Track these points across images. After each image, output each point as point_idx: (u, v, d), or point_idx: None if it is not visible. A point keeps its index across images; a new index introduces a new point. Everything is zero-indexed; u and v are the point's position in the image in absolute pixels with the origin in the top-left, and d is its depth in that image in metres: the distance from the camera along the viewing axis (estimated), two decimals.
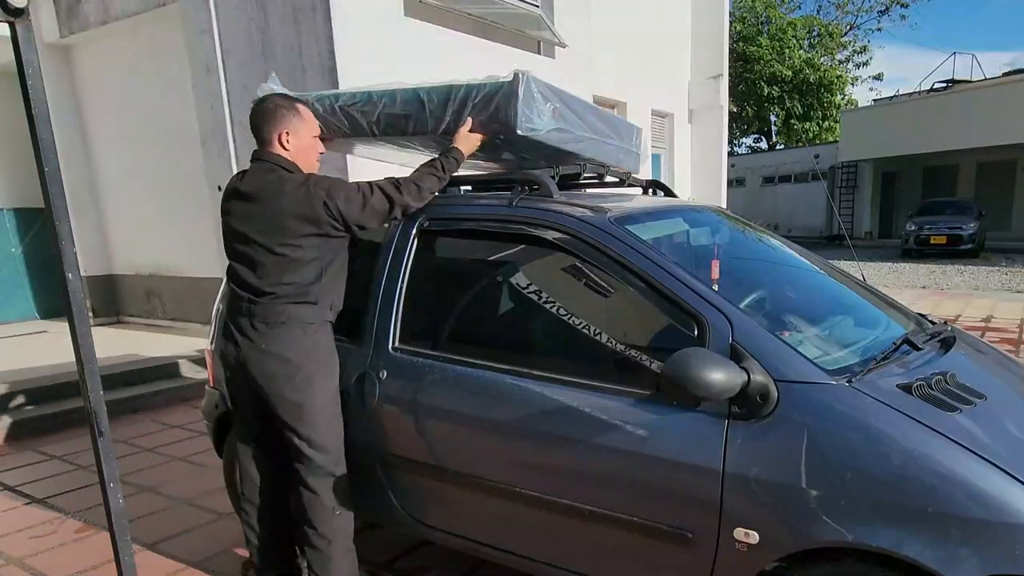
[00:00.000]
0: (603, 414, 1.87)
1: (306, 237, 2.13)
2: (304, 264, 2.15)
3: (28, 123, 1.67)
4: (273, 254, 2.13)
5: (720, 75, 11.29)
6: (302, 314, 2.17)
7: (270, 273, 2.15)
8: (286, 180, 2.16)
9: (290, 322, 2.16)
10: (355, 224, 2.16)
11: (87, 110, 7.69)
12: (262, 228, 2.14)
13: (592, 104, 2.79)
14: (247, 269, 2.18)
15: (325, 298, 2.22)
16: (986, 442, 1.57)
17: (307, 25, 5.31)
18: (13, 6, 1.56)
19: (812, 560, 1.64)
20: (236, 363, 2.22)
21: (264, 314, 2.16)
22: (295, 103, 2.30)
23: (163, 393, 5.30)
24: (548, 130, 2.28)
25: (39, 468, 3.95)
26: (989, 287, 10.48)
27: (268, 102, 2.26)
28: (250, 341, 2.17)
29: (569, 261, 2.13)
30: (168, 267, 7.41)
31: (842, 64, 28.97)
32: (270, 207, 2.13)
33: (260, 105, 2.27)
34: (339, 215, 2.12)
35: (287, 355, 2.15)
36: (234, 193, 2.24)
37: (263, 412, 2.24)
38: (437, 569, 2.69)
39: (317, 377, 2.18)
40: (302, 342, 2.17)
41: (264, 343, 2.15)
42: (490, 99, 2.24)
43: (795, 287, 2.63)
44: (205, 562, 2.80)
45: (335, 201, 2.11)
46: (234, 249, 2.23)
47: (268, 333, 2.15)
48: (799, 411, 1.65)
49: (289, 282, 2.14)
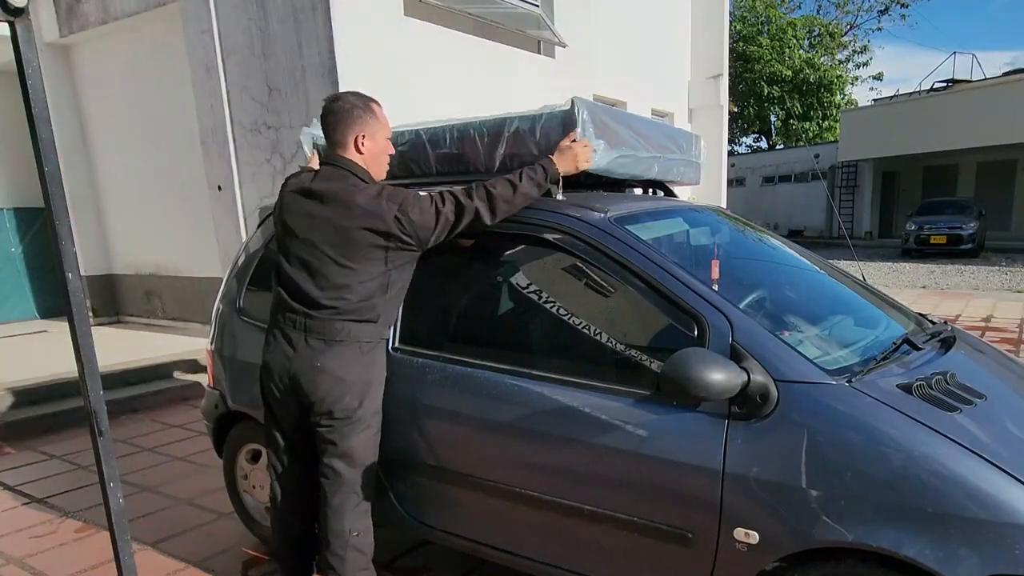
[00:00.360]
0: (603, 414, 1.87)
1: (376, 251, 2.02)
2: (370, 280, 2.04)
3: (28, 123, 1.67)
4: (339, 266, 2.03)
5: (720, 75, 11.29)
6: (361, 333, 2.07)
7: (333, 286, 2.04)
8: (360, 190, 2.04)
9: (348, 340, 2.06)
10: (428, 239, 2.04)
11: (87, 110, 7.69)
12: (330, 238, 2.03)
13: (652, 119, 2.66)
14: (306, 278, 2.06)
15: (386, 316, 2.13)
16: (986, 442, 1.57)
17: (307, 25, 5.31)
18: (13, 5, 1.55)
19: (812, 560, 1.64)
20: (285, 376, 2.10)
21: (322, 330, 2.05)
22: (370, 102, 2.16)
23: (163, 393, 5.30)
24: (609, 161, 2.22)
25: (39, 468, 3.95)
26: (989, 287, 10.48)
27: (343, 101, 2.12)
28: (304, 356, 2.06)
29: (569, 261, 2.12)
30: (168, 267, 7.41)
31: (842, 64, 28.98)
32: (341, 217, 2.01)
33: (334, 105, 2.12)
34: (412, 230, 2.01)
35: (343, 375, 2.05)
36: (304, 193, 2.11)
37: (304, 425, 2.15)
38: (437, 569, 2.69)
39: (367, 397, 2.10)
40: (359, 361, 2.08)
41: (319, 360, 2.05)
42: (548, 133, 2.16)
43: (795, 287, 2.63)
44: (205, 561, 2.80)
45: (408, 215, 2.00)
46: (291, 254, 2.11)
47: (325, 351, 2.05)
48: (799, 411, 1.65)
49: (352, 298, 2.04)
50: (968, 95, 19.02)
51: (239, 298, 2.84)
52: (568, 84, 7.36)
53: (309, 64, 5.38)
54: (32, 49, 1.64)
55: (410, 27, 5.83)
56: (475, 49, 6.52)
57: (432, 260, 2.19)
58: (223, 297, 2.93)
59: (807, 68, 26.65)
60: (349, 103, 2.11)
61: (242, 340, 2.78)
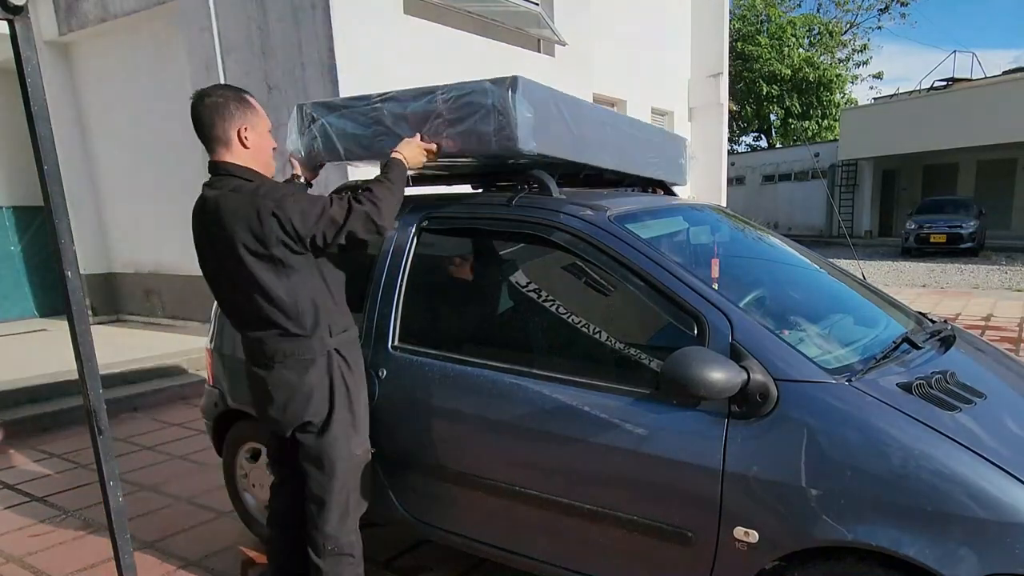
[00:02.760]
0: (603, 413, 1.87)
1: (264, 260, 1.85)
2: (277, 290, 1.87)
3: (27, 121, 1.67)
4: (237, 285, 1.90)
5: (720, 73, 11.30)
6: (297, 349, 1.94)
7: (244, 309, 1.94)
8: (238, 193, 1.86)
9: (288, 360, 1.94)
10: (308, 237, 1.85)
11: (86, 108, 7.68)
12: (226, 257, 1.88)
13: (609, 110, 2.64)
14: (227, 304, 2.01)
15: (319, 326, 1.96)
16: (986, 441, 1.57)
17: (307, 23, 5.31)
18: (12, 4, 1.55)
19: (812, 559, 1.64)
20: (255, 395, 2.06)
21: (256, 354, 1.97)
22: (243, 93, 1.97)
23: (162, 391, 5.29)
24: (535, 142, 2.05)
25: (39, 466, 3.95)
26: (989, 285, 10.48)
27: (215, 96, 1.91)
28: (253, 380, 2.02)
29: (569, 260, 2.12)
30: (167, 265, 7.40)
31: (842, 63, 28.96)
32: (228, 229, 1.84)
33: (206, 100, 1.91)
34: (291, 229, 1.83)
35: (293, 393, 1.95)
36: (197, 211, 1.96)
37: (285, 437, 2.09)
38: (437, 567, 2.69)
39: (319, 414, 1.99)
40: (303, 379, 1.95)
41: (268, 382, 1.97)
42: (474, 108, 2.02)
43: (795, 286, 2.63)
44: (205, 560, 2.80)
45: (286, 212, 1.82)
46: (211, 281, 2.01)
47: (268, 376, 1.96)
48: (799, 410, 1.65)
49: (265, 317, 1.91)
50: (968, 94, 19.01)
51: None
52: (568, 83, 7.36)
53: (309, 62, 5.38)
54: (31, 47, 1.64)
55: (410, 25, 5.82)
56: (475, 47, 6.52)
57: (431, 259, 2.19)
58: None
59: (807, 67, 26.64)
60: (223, 96, 1.92)
61: None
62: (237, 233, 1.83)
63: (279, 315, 1.91)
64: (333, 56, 5.20)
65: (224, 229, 1.85)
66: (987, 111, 17.58)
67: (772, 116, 29.20)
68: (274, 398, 1.98)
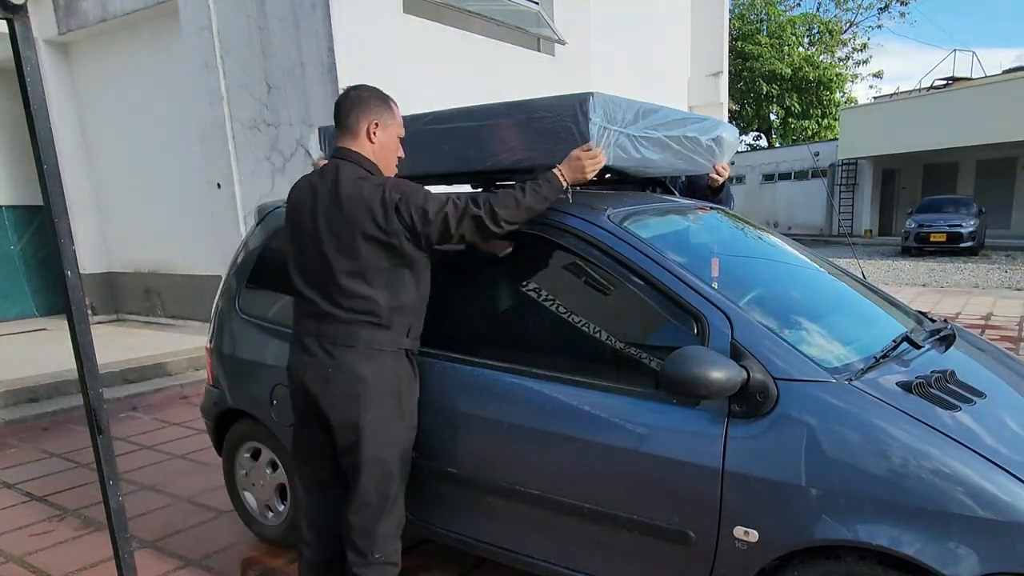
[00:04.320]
0: (603, 412, 1.87)
1: (379, 246, 1.92)
2: (378, 280, 1.95)
3: (27, 120, 1.67)
4: (346, 265, 1.94)
5: (720, 72, 11.28)
6: (374, 338, 1.97)
7: (338, 288, 1.96)
8: (365, 181, 1.95)
9: (360, 346, 1.97)
10: (430, 235, 1.93)
11: (86, 107, 7.68)
12: (335, 236, 1.95)
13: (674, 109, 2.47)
14: (313, 281, 2.00)
15: (399, 323, 2.00)
16: (986, 440, 1.57)
17: (306, 22, 5.31)
18: (11, 3, 1.55)
19: (812, 558, 1.64)
20: (302, 381, 2.04)
21: (332, 335, 1.98)
22: (388, 98, 2.08)
23: (162, 391, 5.30)
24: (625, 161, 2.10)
25: (39, 465, 3.95)
26: (989, 285, 10.49)
27: (361, 90, 2.05)
28: (317, 363, 1.99)
29: (569, 259, 2.12)
30: (167, 265, 7.41)
31: (842, 62, 28.97)
32: (348, 213, 1.92)
33: (351, 92, 2.05)
34: (413, 224, 1.90)
35: (353, 383, 1.96)
36: (309, 190, 2.03)
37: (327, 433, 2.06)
38: (437, 566, 2.69)
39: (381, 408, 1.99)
40: (369, 369, 1.97)
41: (331, 366, 1.97)
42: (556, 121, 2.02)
43: (795, 285, 2.62)
44: (205, 560, 2.80)
45: (410, 207, 1.89)
46: (301, 256, 2.04)
47: (337, 357, 1.97)
48: (799, 409, 1.65)
49: (360, 300, 1.95)
50: (968, 93, 19.01)
51: (238, 296, 2.84)
52: (568, 82, 7.36)
53: (308, 61, 5.38)
54: (31, 47, 1.63)
55: (410, 24, 5.83)
56: (474, 46, 6.52)
57: (431, 259, 2.18)
58: (222, 295, 2.92)
59: (806, 66, 26.65)
60: (367, 92, 2.05)
61: (241, 338, 2.78)
62: (357, 218, 1.92)
63: (373, 304, 1.96)
64: (333, 55, 5.20)
65: (343, 211, 1.93)
66: (987, 110, 17.58)
67: (772, 115, 29.19)
68: (337, 384, 1.97)
